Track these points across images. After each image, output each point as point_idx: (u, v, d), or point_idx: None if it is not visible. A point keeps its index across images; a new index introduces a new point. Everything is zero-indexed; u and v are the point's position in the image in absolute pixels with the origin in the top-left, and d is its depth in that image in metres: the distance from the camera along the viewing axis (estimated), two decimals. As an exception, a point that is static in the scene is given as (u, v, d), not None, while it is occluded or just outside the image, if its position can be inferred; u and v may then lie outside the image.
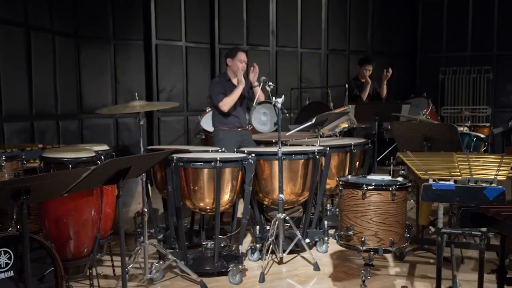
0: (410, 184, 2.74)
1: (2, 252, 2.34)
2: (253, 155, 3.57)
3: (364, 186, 2.60)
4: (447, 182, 2.37)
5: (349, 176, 2.98)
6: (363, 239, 2.62)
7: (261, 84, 3.87)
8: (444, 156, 3.06)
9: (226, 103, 4.35)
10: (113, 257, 3.55)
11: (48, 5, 5.73)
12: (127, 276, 3.28)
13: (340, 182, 2.75)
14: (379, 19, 8.65)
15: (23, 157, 2.72)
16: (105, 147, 3.49)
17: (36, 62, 5.51)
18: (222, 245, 3.76)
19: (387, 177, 2.86)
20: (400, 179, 2.80)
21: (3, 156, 2.59)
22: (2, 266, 2.34)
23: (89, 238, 2.96)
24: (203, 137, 6.08)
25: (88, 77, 6.46)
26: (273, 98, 3.51)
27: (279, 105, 3.49)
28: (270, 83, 3.72)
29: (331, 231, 4.26)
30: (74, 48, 6.25)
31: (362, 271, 2.74)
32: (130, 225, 4.52)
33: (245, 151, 3.73)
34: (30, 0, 5.41)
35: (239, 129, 4.54)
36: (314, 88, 8.03)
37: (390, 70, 5.74)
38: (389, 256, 3.79)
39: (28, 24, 5.40)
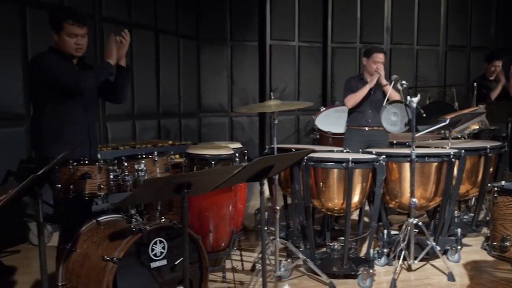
0: None
1: (158, 242, 2.49)
2: (384, 156, 3.46)
3: (525, 193, 2.38)
4: None
5: (503, 182, 2.74)
6: (522, 252, 2.40)
7: (392, 83, 3.74)
8: None
9: (350, 99, 4.32)
10: (242, 252, 3.65)
11: (175, 10, 6.10)
12: (255, 271, 3.38)
13: (495, 189, 2.54)
14: (505, 12, 7.95)
15: (172, 152, 2.89)
16: (238, 145, 3.60)
17: (163, 64, 5.89)
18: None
19: (547, 185, 2.59)
20: None
21: (155, 152, 2.77)
22: (157, 255, 2.50)
23: (227, 233, 3.07)
24: (317, 136, 6.05)
25: (206, 77, 6.77)
26: (408, 97, 3.36)
27: (414, 105, 3.34)
28: (403, 82, 3.58)
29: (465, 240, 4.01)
30: (195, 50, 6.59)
31: (517, 286, 2.51)
32: (250, 221, 4.63)
33: (373, 152, 3.63)
34: (159, 5, 5.79)
35: (367, 129, 4.42)
36: (431, 87, 7.61)
37: None
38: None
39: (157, 27, 5.78)
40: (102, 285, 2.30)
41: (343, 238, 3.73)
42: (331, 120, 5.91)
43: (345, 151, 3.93)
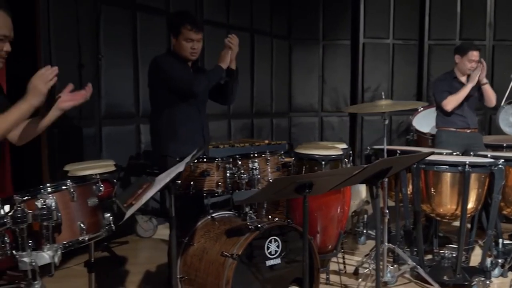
0: None
1: (273, 240, 2.51)
2: (502, 160, 3.22)
3: None
4: None
5: None
6: None
7: (512, 82, 3.48)
8: None
9: (450, 102, 4.07)
10: (344, 255, 3.58)
11: (269, 11, 6.17)
12: (360, 276, 3.31)
13: None
14: None
15: (282, 152, 2.91)
16: (344, 145, 3.54)
17: (257, 64, 5.98)
18: (453, 255, 3.50)
19: None
20: None
21: (267, 151, 2.79)
22: (272, 253, 2.52)
23: (334, 234, 3.03)
24: (415, 138, 5.79)
25: (297, 77, 6.78)
26: (532, 97, 3.10)
27: (540, 105, 3.08)
28: (525, 80, 3.30)
29: None
30: (287, 50, 6.62)
31: None
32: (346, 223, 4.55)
33: (489, 155, 3.40)
34: (255, 7, 5.89)
35: (467, 131, 4.18)
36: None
37: None
38: None
39: (253, 28, 5.88)
40: (221, 280, 2.36)
41: (452, 245, 3.56)
42: (430, 121, 5.62)
43: (454, 153, 3.72)
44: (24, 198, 1.66)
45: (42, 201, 1.63)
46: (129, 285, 3.41)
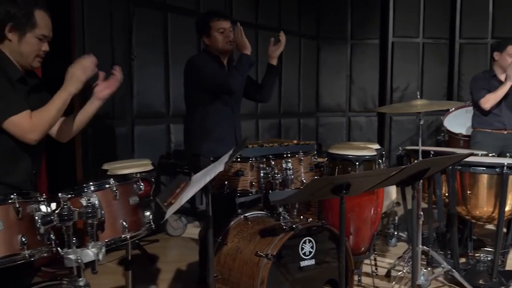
0: None
1: (307, 241, 2.50)
2: (541, 162, 3.13)
3: None
4: None
5: None
6: None
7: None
8: None
9: (489, 100, 3.97)
10: (376, 257, 3.54)
11: (297, 10, 6.15)
12: (394, 278, 3.26)
13: None
14: None
15: (315, 152, 2.89)
16: (377, 146, 3.50)
17: (285, 64, 5.97)
18: (489, 259, 3.42)
19: None
20: None
21: (300, 151, 2.78)
22: (306, 254, 2.50)
23: (368, 236, 3.00)
24: (446, 138, 5.68)
25: (325, 77, 6.74)
26: None
27: None
28: None
29: None
30: (315, 50, 6.59)
31: None
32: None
33: (526, 157, 3.32)
34: (283, 7, 5.89)
35: (504, 132, 4.08)
36: None
37: None
38: None
39: (281, 28, 5.85)
40: (256, 280, 2.36)
41: (486, 249, 3.48)
42: (462, 121, 5.51)
43: (490, 155, 3.64)
44: (69, 196, 1.69)
45: (87, 199, 1.66)
46: (161, 283, 3.44)
